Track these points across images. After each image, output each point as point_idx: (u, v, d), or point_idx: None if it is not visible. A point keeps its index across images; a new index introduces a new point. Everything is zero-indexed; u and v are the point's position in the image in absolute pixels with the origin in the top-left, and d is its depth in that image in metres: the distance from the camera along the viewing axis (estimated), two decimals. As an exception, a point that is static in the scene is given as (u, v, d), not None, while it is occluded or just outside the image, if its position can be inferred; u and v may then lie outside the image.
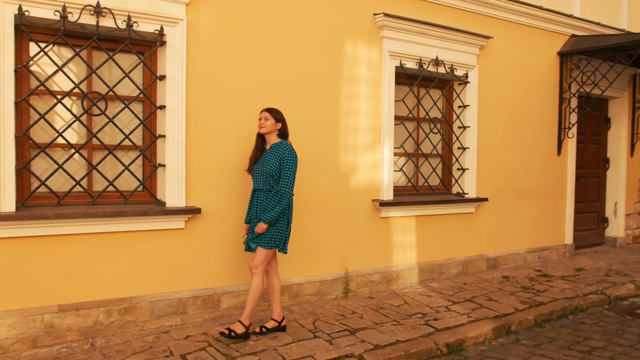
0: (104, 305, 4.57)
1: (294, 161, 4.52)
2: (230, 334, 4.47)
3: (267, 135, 4.65)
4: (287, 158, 4.50)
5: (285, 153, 4.52)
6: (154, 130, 4.89)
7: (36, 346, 4.32)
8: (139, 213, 4.60)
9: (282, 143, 4.60)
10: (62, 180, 4.57)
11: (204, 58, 4.97)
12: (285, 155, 4.51)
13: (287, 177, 4.48)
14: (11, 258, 4.23)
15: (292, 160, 4.51)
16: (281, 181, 4.48)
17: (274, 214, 4.44)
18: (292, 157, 4.52)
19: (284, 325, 4.78)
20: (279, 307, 4.77)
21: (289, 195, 4.50)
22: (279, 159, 4.50)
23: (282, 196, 4.46)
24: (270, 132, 4.61)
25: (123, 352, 4.27)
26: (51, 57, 4.43)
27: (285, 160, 4.50)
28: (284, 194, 4.46)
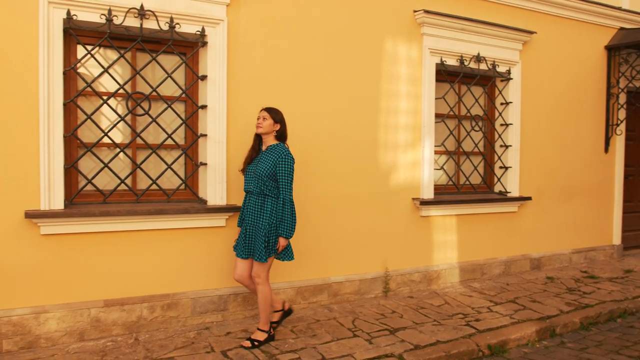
0: (148, 301, 4.68)
1: (290, 165, 4.31)
2: (253, 343, 4.39)
3: (264, 135, 4.45)
4: (283, 162, 4.29)
5: (281, 157, 4.31)
6: (195, 130, 4.97)
7: (83, 339, 4.46)
8: (181, 211, 4.68)
9: (278, 146, 4.39)
10: (107, 179, 4.70)
11: (244, 58, 5.02)
12: (280, 159, 4.30)
13: (285, 183, 4.30)
14: (60, 254, 4.38)
15: (288, 165, 4.30)
16: (282, 188, 4.31)
17: (291, 225, 4.33)
18: (287, 162, 4.30)
19: (289, 308, 4.78)
20: (276, 299, 4.71)
21: (292, 200, 4.34)
22: (273, 162, 4.30)
23: (290, 206, 4.32)
24: (267, 132, 4.41)
25: (166, 347, 4.36)
26: (97, 59, 4.56)
27: (280, 164, 4.29)
28: (290, 202, 4.32)
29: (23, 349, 4.26)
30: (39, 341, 4.32)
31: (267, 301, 4.45)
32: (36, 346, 4.31)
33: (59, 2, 4.27)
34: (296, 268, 5.33)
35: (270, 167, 4.29)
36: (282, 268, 5.24)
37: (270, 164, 4.30)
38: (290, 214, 4.31)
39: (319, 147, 5.41)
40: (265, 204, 4.33)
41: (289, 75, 5.24)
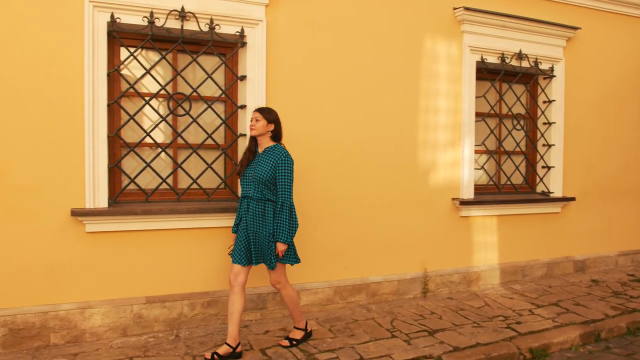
0: (188, 299, 4.75)
1: (290, 167, 4.13)
2: (291, 342, 4.39)
3: (259, 137, 4.24)
4: (282, 164, 4.10)
5: (280, 159, 4.11)
6: (235, 130, 5.02)
7: (126, 335, 4.56)
8: (221, 210, 4.73)
9: (276, 147, 4.20)
10: (149, 178, 4.79)
11: (283, 58, 5.05)
12: (280, 161, 4.11)
13: (285, 186, 4.11)
14: (103, 251, 4.49)
15: (287, 167, 4.11)
16: (279, 191, 4.11)
17: (291, 231, 4.13)
18: (287, 163, 4.12)
19: (240, 352, 4.17)
20: (237, 330, 4.16)
21: (291, 204, 4.15)
22: (272, 166, 4.11)
23: (290, 209, 4.13)
24: (261, 134, 4.20)
25: (205, 344, 4.41)
26: (140, 60, 4.65)
27: (281, 166, 4.10)
28: (289, 205, 4.13)
29: (69, 343, 4.38)
30: (84, 335, 4.44)
31: (294, 301, 4.40)
32: (81, 340, 4.43)
33: (103, 6, 4.38)
34: (335, 267, 5.34)
35: (270, 170, 4.11)
36: (320, 268, 5.25)
37: (269, 168, 4.11)
38: (288, 218, 4.10)
39: (358, 146, 5.40)
40: (266, 210, 4.14)
41: (327, 74, 5.24)
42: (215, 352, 4.07)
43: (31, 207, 4.25)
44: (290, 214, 4.13)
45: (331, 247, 5.32)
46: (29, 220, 4.25)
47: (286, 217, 4.10)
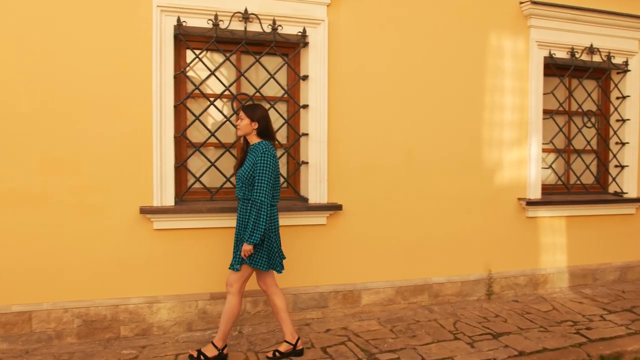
0: (251, 296, 4.83)
1: (268, 164, 3.85)
2: (199, 357, 3.99)
3: (247, 136, 4.06)
4: (260, 161, 3.85)
5: (259, 156, 3.88)
6: (297, 129, 5.07)
7: (191, 329, 4.69)
8: (284, 209, 4.78)
9: (259, 144, 3.96)
10: (214, 177, 4.90)
11: (345, 57, 5.04)
12: (258, 158, 3.87)
13: (261, 183, 3.82)
14: (170, 247, 4.63)
15: (265, 164, 3.84)
16: (255, 189, 3.84)
17: (259, 233, 3.80)
18: (265, 160, 3.85)
19: (301, 349, 4.16)
20: (290, 327, 4.16)
21: (267, 205, 3.83)
22: (252, 163, 3.90)
23: (259, 207, 3.81)
24: (246, 133, 4.01)
25: (267, 340, 4.47)
26: (204, 62, 4.76)
27: (258, 163, 3.85)
28: (260, 204, 3.81)
29: (138, 336, 4.54)
30: (151, 329, 4.59)
31: (232, 315, 4.00)
32: (149, 334, 4.59)
33: (170, 10, 4.51)
34: (397, 267, 5.29)
35: (250, 168, 3.90)
36: (382, 267, 5.23)
37: (249, 165, 3.91)
38: (256, 217, 3.81)
39: (421, 145, 5.33)
40: (248, 210, 3.93)
41: (389, 73, 5.20)
42: (276, 350, 4.11)
43: (103, 205, 4.43)
44: (259, 213, 3.81)
45: (393, 247, 5.28)
46: (101, 218, 4.44)
47: (254, 215, 3.82)
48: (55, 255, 4.35)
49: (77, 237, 4.40)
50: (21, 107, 4.22)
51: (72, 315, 4.41)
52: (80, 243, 4.41)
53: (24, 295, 4.30)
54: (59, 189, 4.32)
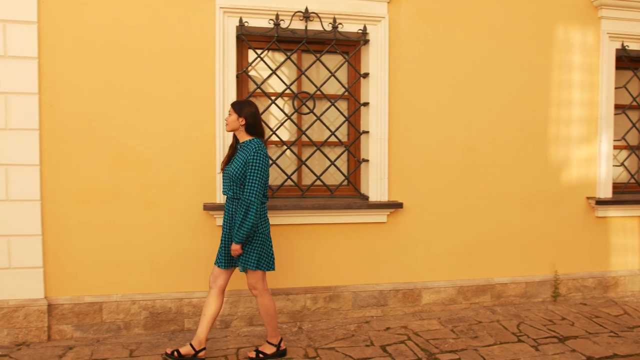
0: (311, 292, 4.87)
1: (260, 163, 3.75)
2: (258, 356, 4.03)
3: (235, 133, 3.97)
4: (252, 160, 3.75)
5: (251, 154, 3.77)
6: (358, 127, 5.07)
7: (252, 324, 4.77)
8: (344, 206, 4.80)
9: (251, 142, 3.86)
10: (275, 175, 4.97)
11: (406, 54, 5.00)
12: (250, 156, 3.76)
13: (252, 183, 3.72)
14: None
15: (258, 163, 3.74)
16: (246, 188, 3.75)
17: (244, 231, 3.72)
18: (258, 159, 3.75)
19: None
20: (205, 334, 3.96)
21: (257, 204, 3.73)
22: (243, 162, 3.78)
23: (248, 207, 3.73)
24: (234, 129, 3.91)
25: (327, 337, 4.50)
26: (266, 61, 4.83)
27: (250, 162, 3.75)
28: (250, 203, 3.72)
29: (201, 329, 4.68)
30: (214, 322, 4.70)
31: (270, 312, 4.00)
32: (212, 327, 4.69)
33: (232, 11, 4.60)
34: (458, 266, 5.21)
35: (241, 167, 3.80)
36: (443, 266, 5.16)
37: (240, 164, 3.80)
38: (243, 216, 3.74)
39: (483, 142, 5.22)
40: (238, 209, 3.85)
41: (451, 70, 5.11)
42: (176, 350, 3.94)
43: (169, 201, 4.58)
44: (247, 213, 3.73)
45: (454, 246, 5.20)
46: (167, 214, 4.59)
47: (241, 215, 3.75)
48: (124, 249, 4.53)
49: (145, 232, 4.56)
50: (94, 110, 4.42)
51: (139, 307, 4.58)
52: (147, 238, 4.57)
53: (95, 287, 4.51)
54: (128, 187, 4.50)
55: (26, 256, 4.32)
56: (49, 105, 4.35)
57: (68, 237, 4.44)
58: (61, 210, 4.41)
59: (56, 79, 4.36)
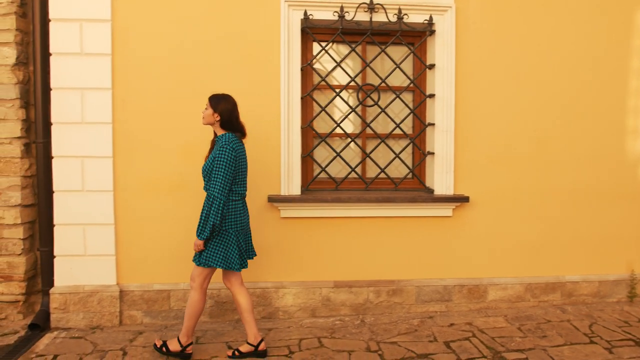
0: (374, 286, 4.85)
1: (225, 157, 3.66)
2: (161, 348, 3.97)
3: (212, 127, 3.90)
4: (218, 155, 3.68)
5: (217, 150, 3.71)
6: (423, 119, 4.98)
7: (315, 316, 4.80)
8: (408, 199, 4.74)
9: (222, 137, 3.78)
10: (339, 167, 4.97)
11: (473, 45, 4.86)
12: (217, 152, 3.70)
13: (216, 178, 3.66)
14: (296, 235, 4.78)
15: (223, 157, 3.66)
16: (210, 183, 3.70)
17: (207, 227, 3.66)
18: (223, 154, 3.66)
19: (263, 350, 3.97)
20: (254, 328, 3.96)
21: (221, 200, 3.65)
22: (213, 157, 3.74)
23: (211, 202, 3.66)
24: (209, 123, 3.83)
25: (389, 331, 4.47)
26: (330, 54, 4.82)
27: (217, 157, 3.68)
28: (213, 198, 3.65)
29: (264, 318, 4.74)
30: (277, 313, 4.77)
31: (194, 311, 3.87)
32: (275, 317, 4.77)
33: (297, 5, 4.62)
34: (526, 263, 5.05)
35: (210, 162, 3.75)
36: (510, 262, 5.01)
37: (210, 159, 3.77)
38: (207, 212, 3.67)
39: (554, 135, 5.01)
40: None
41: (518, 60, 4.92)
42: (236, 349, 3.99)
43: (234, 192, 4.66)
44: (210, 208, 3.66)
45: (522, 241, 5.03)
46: (233, 205, 4.67)
47: (205, 211, 3.69)
48: (191, 238, 4.63)
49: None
50: (163, 104, 4.55)
51: (206, 295, 4.69)
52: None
53: (163, 275, 4.66)
54: (194, 178, 4.59)
55: (100, 244, 4.51)
56: (121, 100, 4.51)
57: (137, 226, 4.60)
58: (131, 200, 4.58)
59: (127, 74, 4.52)
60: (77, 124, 4.47)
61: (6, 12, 4.46)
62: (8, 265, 4.59)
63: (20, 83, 4.55)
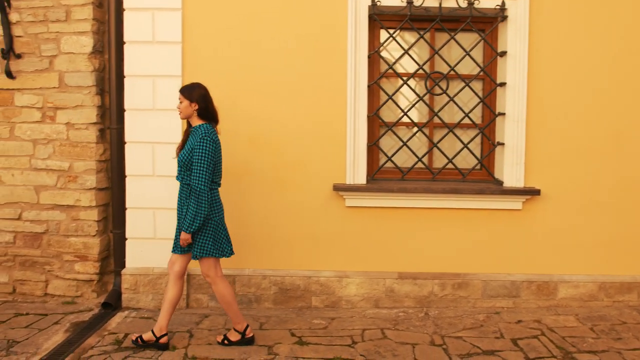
0: (439, 278, 4.77)
1: (205, 149, 3.63)
2: (223, 342, 3.98)
3: (189, 119, 3.83)
4: (198, 146, 3.63)
5: (197, 140, 3.66)
6: (493, 108, 4.83)
7: (378, 306, 4.77)
8: (476, 191, 4.63)
9: (199, 127, 3.75)
10: (405, 157, 4.89)
11: (547, 31, 4.65)
12: (196, 143, 3.65)
13: (199, 171, 3.63)
14: (360, 225, 4.75)
15: (203, 148, 3.63)
16: (192, 175, 3.66)
17: (196, 220, 3.65)
18: (203, 145, 3.63)
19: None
20: (166, 320, 3.89)
21: (206, 192, 3.65)
22: (190, 147, 3.70)
23: (198, 195, 3.64)
24: (188, 115, 3.79)
25: (454, 325, 4.38)
26: (398, 41, 4.74)
27: (196, 148, 3.64)
28: (199, 192, 3.63)
29: (327, 307, 4.75)
30: (340, 302, 4.77)
31: (227, 299, 3.89)
32: (338, 306, 4.77)
33: (365, -9, 4.57)
34: (600, 261, 4.82)
35: (188, 152, 3.71)
36: (581, 259, 4.80)
37: (188, 149, 3.72)
38: (195, 206, 3.65)
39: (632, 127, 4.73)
40: (190, 197, 3.74)
41: (597, 48, 4.65)
42: (139, 337, 3.92)
43: (299, 181, 4.69)
44: (198, 202, 3.65)
45: (596, 238, 4.80)
46: (297, 193, 4.70)
47: (194, 204, 3.66)
48: (256, 224, 4.72)
49: (275, 209, 4.71)
50: (231, 92, 4.61)
51: (269, 282, 4.75)
52: (278, 215, 4.72)
53: (229, 260, 4.66)
54: (262, 165, 4.66)
55: (169, 228, 4.60)
56: (191, 87, 4.60)
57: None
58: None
59: (197, 62, 4.61)
60: (148, 111, 4.61)
61: (84, 3, 4.63)
62: (84, 245, 4.79)
63: (96, 71, 4.71)
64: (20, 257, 4.86)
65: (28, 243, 4.84)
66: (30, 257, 4.86)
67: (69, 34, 4.66)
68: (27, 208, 4.82)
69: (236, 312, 3.95)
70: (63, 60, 4.69)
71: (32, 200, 4.81)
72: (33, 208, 4.81)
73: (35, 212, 4.81)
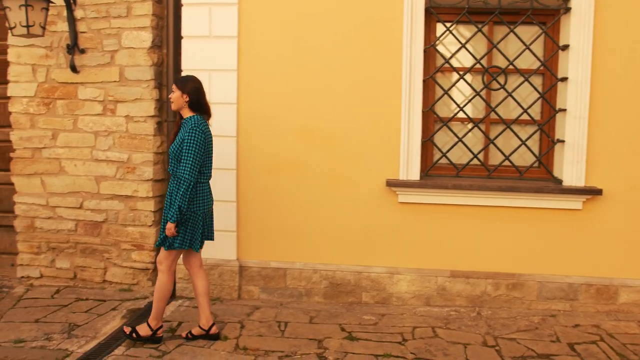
0: (492, 278, 4.66)
1: (195, 140, 3.65)
2: (131, 334, 3.87)
3: (180, 111, 3.84)
4: (188, 136, 3.66)
5: (187, 131, 3.68)
6: (553, 104, 4.68)
7: (429, 304, 4.71)
8: (534, 190, 4.50)
9: (190, 119, 3.76)
10: (460, 153, 4.80)
11: (613, 24, 4.44)
12: (186, 134, 3.68)
13: (186, 160, 3.64)
14: (413, 221, 4.69)
15: (192, 139, 3.65)
16: (180, 165, 3.68)
17: (175, 210, 3.65)
18: (193, 135, 3.65)
19: (216, 333, 3.95)
20: (207, 312, 3.95)
21: (190, 182, 3.64)
22: (181, 139, 3.72)
23: (180, 184, 3.65)
24: (179, 107, 3.80)
25: (508, 327, 4.28)
26: (455, 35, 4.65)
27: (186, 139, 3.67)
28: (183, 181, 3.64)
29: (377, 303, 4.73)
30: (390, 299, 4.73)
31: (162, 294, 3.83)
32: (388, 303, 4.74)
33: (423, -16, 4.49)
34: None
35: (178, 143, 3.73)
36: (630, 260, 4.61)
37: (178, 141, 3.75)
38: (182, 196, 3.63)
39: None
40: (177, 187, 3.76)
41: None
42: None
43: (352, 175, 4.68)
44: (185, 192, 3.64)
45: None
46: (350, 187, 4.69)
47: (180, 194, 3.65)
48: (307, 219, 4.73)
49: (328, 203, 4.72)
50: (284, 86, 4.65)
51: (320, 276, 4.76)
52: (330, 209, 4.72)
53: (280, 253, 4.78)
54: (314, 160, 4.67)
55: (223, 220, 4.70)
56: (246, 82, 4.67)
57: (258, 204, 4.76)
58: (252, 179, 4.74)
59: (252, 56, 4.66)
60: (204, 105, 4.68)
61: (144, -1, 4.76)
62: (140, 235, 4.93)
63: (155, 65, 4.82)
64: (81, 245, 5.05)
65: (88, 231, 5.02)
66: (90, 245, 5.03)
67: (129, 29, 4.79)
68: (88, 197, 4.99)
69: (160, 310, 3.90)
70: (123, 55, 4.83)
71: (92, 190, 4.97)
72: (94, 197, 4.98)
73: (96, 201, 4.98)
